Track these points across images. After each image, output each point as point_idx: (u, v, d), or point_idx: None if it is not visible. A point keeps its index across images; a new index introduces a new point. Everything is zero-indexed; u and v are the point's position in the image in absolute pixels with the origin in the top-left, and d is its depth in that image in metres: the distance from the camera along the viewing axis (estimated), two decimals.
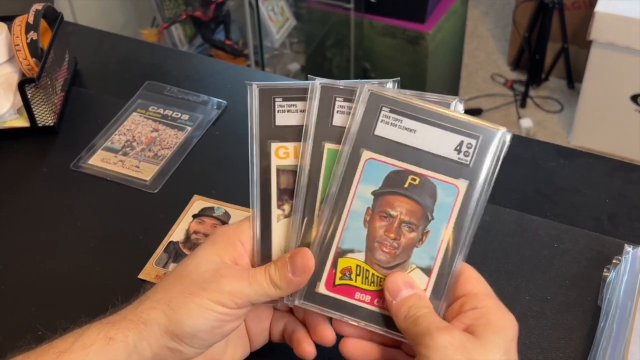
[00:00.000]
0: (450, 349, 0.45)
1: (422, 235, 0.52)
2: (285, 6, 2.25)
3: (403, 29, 2.21)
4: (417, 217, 0.52)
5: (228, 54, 2.09)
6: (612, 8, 1.97)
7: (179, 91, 0.90)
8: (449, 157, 0.51)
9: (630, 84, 2.08)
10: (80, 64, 0.96)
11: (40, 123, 0.84)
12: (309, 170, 0.53)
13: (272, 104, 0.55)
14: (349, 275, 0.52)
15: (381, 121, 0.52)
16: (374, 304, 0.52)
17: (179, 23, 2.06)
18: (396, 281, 0.51)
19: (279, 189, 0.55)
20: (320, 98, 0.54)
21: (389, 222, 0.52)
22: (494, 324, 0.47)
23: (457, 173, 0.51)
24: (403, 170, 0.52)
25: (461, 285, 0.51)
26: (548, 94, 2.58)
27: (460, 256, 0.51)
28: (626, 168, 0.78)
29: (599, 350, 0.58)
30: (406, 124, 0.52)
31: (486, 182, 0.51)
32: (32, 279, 0.68)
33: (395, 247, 0.52)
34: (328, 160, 0.53)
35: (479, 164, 0.51)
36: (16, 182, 0.79)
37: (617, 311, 0.60)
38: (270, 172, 0.54)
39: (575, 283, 0.65)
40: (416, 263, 0.52)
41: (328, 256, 0.52)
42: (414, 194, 0.51)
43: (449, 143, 0.51)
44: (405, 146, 0.52)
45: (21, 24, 0.84)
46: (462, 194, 0.51)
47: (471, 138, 0.51)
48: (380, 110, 0.52)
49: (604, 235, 0.70)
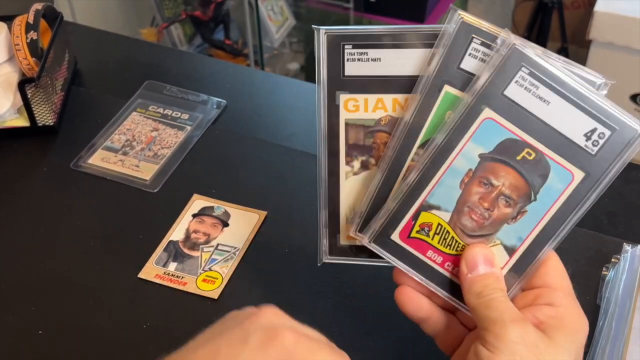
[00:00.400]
0: (522, 345, 0.43)
1: (518, 214, 0.48)
2: (285, 6, 2.26)
3: None
4: (520, 193, 0.48)
5: (227, 54, 2.09)
6: (612, 7, 1.97)
7: (179, 90, 0.90)
8: (576, 141, 0.46)
9: (629, 83, 2.08)
10: (80, 63, 0.96)
11: (40, 122, 0.84)
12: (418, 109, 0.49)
13: (341, 52, 0.50)
14: (427, 231, 0.50)
15: (515, 82, 0.47)
16: (444, 267, 0.50)
17: (178, 22, 2.07)
18: (476, 253, 0.48)
19: (347, 144, 0.52)
20: (456, 34, 0.48)
21: (488, 191, 0.48)
22: (568, 327, 0.45)
23: (578, 160, 0.47)
24: (521, 140, 0.47)
25: (542, 275, 0.48)
26: None
27: (551, 246, 0.48)
28: (625, 167, 0.77)
29: (597, 349, 0.58)
30: (542, 93, 0.46)
31: (605, 179, 0.47)
32: (32, 279, 0.68)
33: (485, 217, 0.48)
34: (442, 103, 0.49)
35: (605, 157, 0.46)
36: (16, 181, 0.79)
37: (616, 310, 0.60)
38: (339, 125, 0.51)
39: (574, 282, 0.65)
40: (501, 239, 0.49)
41: (411, 206, 0.49)
42: (524, 168, 0.47)
43: (580, 126, 0.46)
44: (533, 116, 0.47)
45: (21, 23, 0.84)
46: (576, 183, 0.47)
47: (606, 128, 0.46)
48: (519, 70, 0.47)
49: (602, 234, 0.70)
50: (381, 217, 0.50)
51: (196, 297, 0.65)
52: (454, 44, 0.48)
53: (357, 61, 0.50)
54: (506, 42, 0.47)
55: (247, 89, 0.92)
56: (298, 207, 0.73)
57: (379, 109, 0.51)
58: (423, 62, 0.49)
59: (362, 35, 0.50)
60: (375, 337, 0.61)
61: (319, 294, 0.65)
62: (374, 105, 0.51)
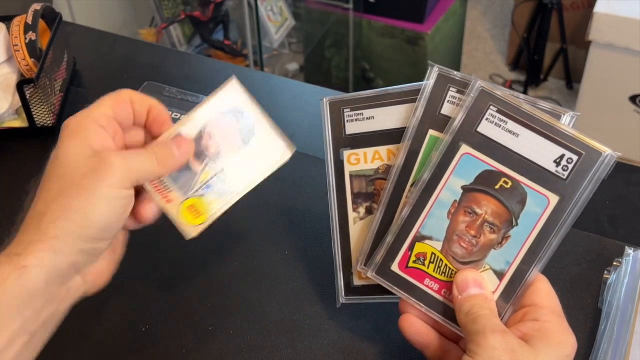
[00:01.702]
0: (498, 350, 0.46)
1: (502, 239, 0.52)
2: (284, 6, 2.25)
3: (402, 29, 2.21)
4: (502, 220, 0.52)
5: (227, 54, 2.09)
6: (611, 9, 1.97)
7: (178, 91, 0.89)
8: (547, 167, 0.51)
9: (629, 84, 2.08)
10: (78, 64, 0.96)
11: (39, 123, 0.83)
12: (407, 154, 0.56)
13: (342, 115, 0.59)
14: (422, 260, 0.54)
15: (486, 119, 0.53)
16: (440, 293, 0.53)
17: (177, 23, 2.06)
18: (466, 277, 0.52)
19: (352, 193, 0.59)
20: (434, 84, 0.56)
21: (472, 219, 0.52)
22: (550, 338, 0.48)
23: (551, 185, 0.51)
24: (497, 171, 0.52)
25: (530, 295, 0.51)
26: (547, 95, 2.58)
27: (536, 268, 0.51)
28: (626, 169, 0.77)
29: (599, 353, 0.58)
30: (510, 127, 0.52)
31: (580, 200, 0.50)
32: None
33: (473, 244, 0.53)
34: (428, 146, 0.55)
35: (576, 180, 0.51)
36: (15, 182, 0.79)
37: (617, 313, 0.60)
38: (344, 177, 0.59)
39: (575, 285, 0.65)
40: (490, 264, 0.52)
41: (406, 238, 0.54)
42: (503, 196, 0.52)
43: (549, 153, 0.51)
44: (505, 148, 0.52)
45: (20, 24, 0.84)
46: (552, 207, 0.51)
47: (573, 153, 0.51)
48: (487, 108, 0.53)
49: (604, 237, 0.69)
50: (381, 250, 0.55)
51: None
52: (434, 95, 0.56)
53: (354, 121, 0.59)
54: (475, 86, 0.53)
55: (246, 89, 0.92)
56: (298, 207, 0.73)
57: (377, 160, 0.59)
58: (409, 114, 0.57)
59: (357, 99, 0.59)
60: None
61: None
62: (372, 156, 0.59)
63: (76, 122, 0.51)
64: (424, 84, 0.56)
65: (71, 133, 0.50)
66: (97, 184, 0.47)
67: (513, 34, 2.60)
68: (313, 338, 0.62)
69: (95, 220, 0.47)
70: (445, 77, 0.55)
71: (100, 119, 0.51)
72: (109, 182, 0.48)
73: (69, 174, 0.48)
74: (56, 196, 0.48)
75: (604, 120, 2.20)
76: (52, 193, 0.48)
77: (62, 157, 0.49)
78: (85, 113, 0.51)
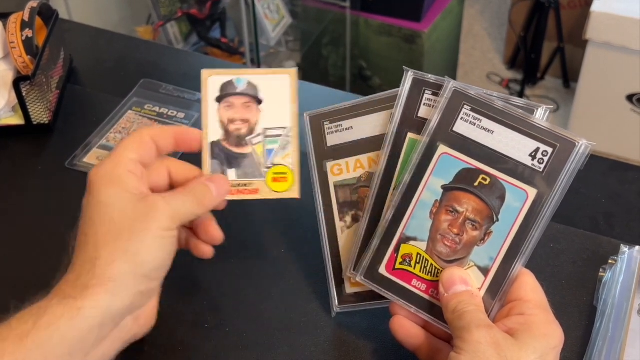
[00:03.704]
0: (483, 344, 0.46)
1: (485, 235, 0.53)
2: (281, 4, 2.25)
3: (399, 28, 2.21)
4: (483, 216, 0.52)
5: (224, 52, 2.09)
6: (608, 7, 1.97)
7: (175, 89, 0.89)
8: (523, 162, 0.52)
9: (626, 83, 2.08)
10: (75, 61, 0.96)
11: (36, 121, 0.83)
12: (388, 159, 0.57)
13: (322, 128, 0.60)
14: (409, 261, 0.54)
15: (461, 118, 0.53)
16: (428, 293, 0.54)
17: (174, 21, 2.06)
18: (452, 275, 0.52)
19: (338, 203, 0.60)
20: (410, 88, 0.57)
21: (454, 217, 0.53)
22: (536, 330, 0.48)
23: (529, 179, 0.52)
24: (475, 168, 0.53)
25: (515, 290, 0.52)
26: (544, 93, 2.58)
27: (520, 262, 0.52)
28: (622, 168, 0.78)
29: (594, 351, 0.58)
30: (485, 124, 0.53)
31: (557, 192, 0.51)
32: (26, 278, 0.68)
33: (457, 242, 0.53)
34: (408, 149, 0.56)
35: (553, 172, 0.51)
36: (11, 180, 0.79)
37: (613, 311, 0.60)
38: (330, 189, 0.60)
39: (571, 283, 0.65)
40: (475, 261, 0.53)
41: (392, 240, 0.55)
42: (482, 193, 0.52)
43: (524, 148, 0.52)
44: (481, 146, 0.53)
45: (16, 21, 0.84)
46: (531, 200, 0.51)
47: (548, 146, 0.51)
48: (462, 108, 0.53)
49: (600, 235, 0.70)
50: (369, 254, 0.56)
51: (276, 202, 0.58)
52: (410, 99, 0.57)
53: (335, 132, 0.60)
54: (449, 87, 0.54)
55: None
56: (294, 204, 0.73)
57: (359, 168, 0.60)
58: (386, 121, 0.58)
59: (336, 111, 0.60)
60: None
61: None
62: (354, 165, 0.60)
63: (107, 171, 0.53)
64: (400, 90, 0.57)
65: (107, 181, 0.52)
66: (148, 226, 0.50)
67: (510, 32, 2.60)
68: (309, 336, 0.62)
69: (149, 261, 0.50)
70: (420, 80, 0.57)
71: (128, 165, 0.53)
72: (158, 225, 0.50)
73: (117, 218, 0.50)
74: (108, 241, 0.50)
75: (601, 118, 2.21)
76: (101, 237, 0.50)
77: (106, 203, 0.51)
78: (113, 161, 0.53)
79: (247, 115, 0.59)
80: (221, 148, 0.59)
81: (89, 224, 0.51)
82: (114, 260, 0.49)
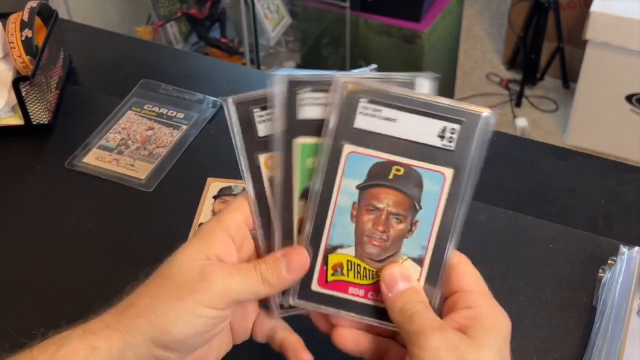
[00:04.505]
0: (443, 350, 0.45)
1: (411, 226, 0.51)
2: (281, 4, 2.25)
3: (399, 28, 2.21)
4: (405, 207, 0.51)
5: (223, 52, 2.09)
6: (608, 8, 1.98)
7: (174, 89, 0.89)
8: (433, 144, 0.50)
9: (625, 83, 2.09)
10: (75, 61, 0.96)
11: (35, 121, 0.83)
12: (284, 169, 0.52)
13: (251, 116, 0.53)
14: (340, 271, 0.52)
15: (360, 113, 0.50)
16: (367, 297, 0.52)
17: (174, 21, 2.06)
18: (393, 273, 0.50)
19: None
20: (286, 93, 0.52)
21: (377, 215, 0.51)
22: (486, 324, 0.47)
23: (442, 160, 0.50)
24: (386, 161, 0.50)
25: (455, 280, 0.50)
26: (543, 94, 2.58)
27: (452, 244, 0.51)
28: (621, 168, 0.78)
29: (594, 351, 0.58)
30: (386, 114, 0.50)
31: (473, 167, 0.50)
32: (26, 278, 0.68)
33: (384, 239, 0.51)
34: (302, 154, 0.52)
35: (465, 149, 0.50)
36: (10, 180, 0.79)
37: (612, 312, 0.60)
38: (263, 183, 0.53)
39: (570, 284, 0.65)
40: (407, 254, 0.51)
41: (318, 253, 0.52)
42: (399, 184, 0.50)
43: (431, 130, 0.50)
44: (387, 136, 0.50)
45: (16, 21, 0.84)
46: (449, 181, 0.50)
47: (454, 123, 0.50)
48: (358, 102, 0.51)
49: (598, 235, 0.70)
50: None
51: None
52: (286, 101, 0.52)
53: (267, 121, 0.53)
54: (338, 83, 0.50)
55: (243, 87, 0.92)
56: None
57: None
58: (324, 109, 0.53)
59: (265, 97, 0.53)
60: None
61: None
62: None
63: (208, 228, 0.51)
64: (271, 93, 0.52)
65: (199, 238, 0.50)
66: (188, 297, 0.47)
67: (510, 32, 2.60)
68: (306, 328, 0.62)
69: (171, 332, 0.47)
70: (294, 82, 0.52)
71: (230, 226, 0.51)
72: (199, 299, 0.47)
73: (170, 277, 0.48)
74: (149, 294, 0.48)
75: (600, 119, 2.21)
76: (148, 290, 0.49)
77: (177, 259, 0.49)
78: (219, 219, 0.51)
79: None
80: None
81: (155, 273, 0.50)
82: (140, 315, 0.47)
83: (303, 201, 0.52)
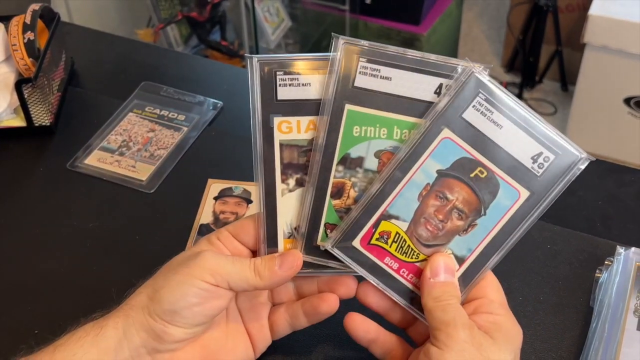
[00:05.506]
0: (469, 344, 0.48)
1: (469, 226, 0.53)
2: (281, 7, 2.26)
3: (398, 31, 2.22)
4: (471, 208, 0.52)
5: (224, 55, 2.09)
6: (606, 11, 1.98)
7: (175, 92, 0.90)
8: (524, 163, 0.52)
9: (623, 86, 2.09)
10: (76, 64, 0.96)
11: (37, 123, 0.84)
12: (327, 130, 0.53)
13: (274, 78, 0.54)
14: (385, 238, 0.54)
15: (473, 106, 0.52)
16: (399, 273, 0.54)
17: (174, 23, 2.07)
18: (440, 262, 0.53)
19: (282, 163, 0.55)
20: (344, 59, 0.53)
21: (443, 204, 0.53)
22: (506, 330, 0.50)
23: (525, 181, 0.52)
24: (475, 159, 0.52)
25: (482, 288, 0.53)
26: (542, 96, 2.59)
27: (497, 258, 0.53)
28: (619, 170, 0.78)
29: (591, 351, 0.59)
30: (496, 118, 0.52)
31: (546, 199, 0.52)
32: (29, 279, 0.68)
33: (439, 228, 0.53)
34: (348, 121, 0.53)
35: (549, 179, 0.51)
36: (12, 181, 0.79)
37: (609, 312, 0.60)
38: (274, 146, 0.54)
39: (567, 284, 0.66)
40: (453, 249, 0.53)
41: (372, 215, 0.53)
42: (476, 185, 0.52)
43: (528, 150, 0.52)
44: (487, 138, 0.52)
45: (18, 23, 0.84)
46: (521, 201, 0.52)
47: (551, 152, 0.51)
48: (477, 95, 0.52)
49: (596, 236, 0.70)
50: (343, 225, 0.54)
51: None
52: (346, 67, 0.53)
53: (289, 86, 0.54)
54: (466, 70, 0.52)
55: (243, 90, 0.92)
56: None
57: (311, 130, 0.54)
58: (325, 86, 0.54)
59: (292, 62, 0.54)
60: None
61: None
62: (307, 126, 0.54)
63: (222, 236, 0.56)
64: (331, 57, 0.53)
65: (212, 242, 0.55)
66: (182, 270, 0.51)
67: (509, 35, 2.61)
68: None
69: (162, 299, 0.50)
70: (353, 48, 0.53)
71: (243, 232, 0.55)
72: (190, 272, 0.51)
73: (174, 261, 0.53)
74: (154, 277, 0.53)
75: (598, 121, 2.21)
76: (156, 274, 0.54)
77: (183, 254, 0.54)
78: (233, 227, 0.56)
79: (236, 210, 0.72)
80: (209, 229, 0.70)
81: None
82: (141, 291, 0.52)
83: (341, 166, 0.54)
